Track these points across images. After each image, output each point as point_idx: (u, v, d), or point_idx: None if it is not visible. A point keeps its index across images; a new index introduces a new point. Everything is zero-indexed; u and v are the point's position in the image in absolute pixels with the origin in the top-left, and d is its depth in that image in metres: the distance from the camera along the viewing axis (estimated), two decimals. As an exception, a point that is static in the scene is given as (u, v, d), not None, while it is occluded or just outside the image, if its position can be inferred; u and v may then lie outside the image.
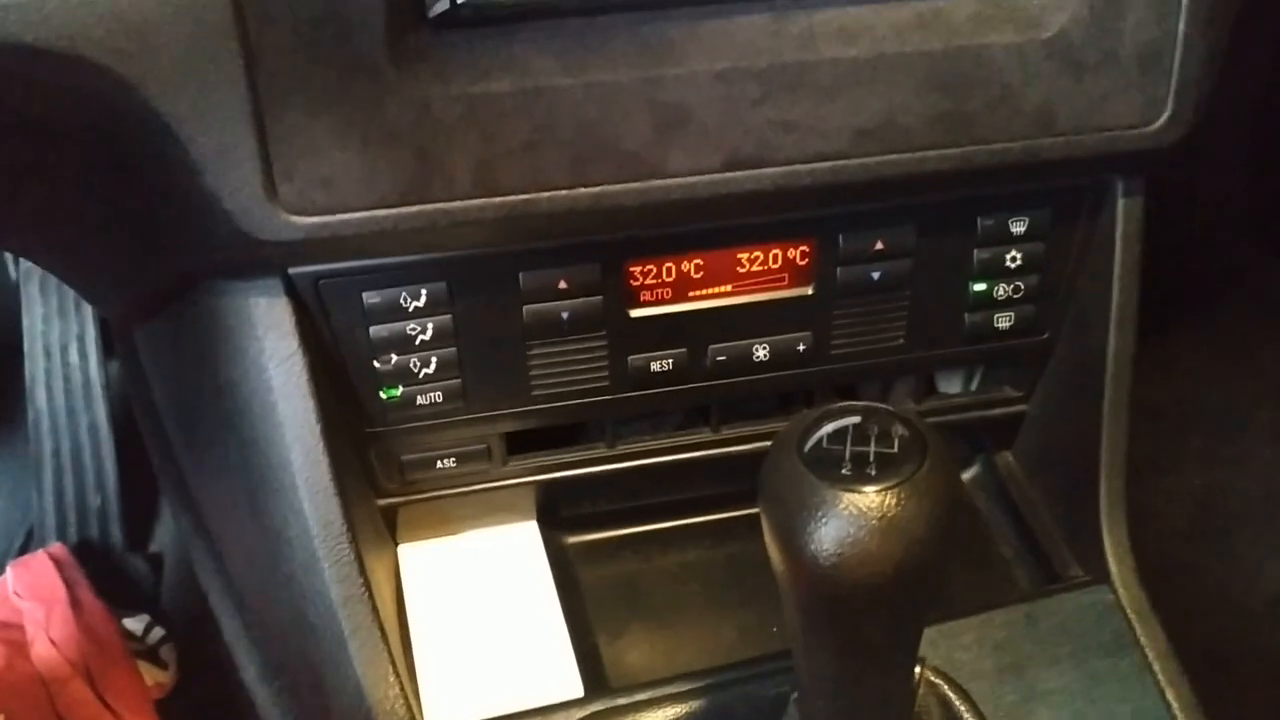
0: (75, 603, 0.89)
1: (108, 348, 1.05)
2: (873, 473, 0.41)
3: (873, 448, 0.42)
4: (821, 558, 0.40)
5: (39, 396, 1.05)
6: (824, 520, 0.40)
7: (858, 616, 0.43)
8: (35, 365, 1.05)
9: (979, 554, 0.76)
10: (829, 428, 0.43)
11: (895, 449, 0.42)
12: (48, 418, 1.04)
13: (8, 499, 1.11)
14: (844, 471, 0.41)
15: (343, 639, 0.59)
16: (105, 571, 0.97)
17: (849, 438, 0.43)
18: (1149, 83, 0.59)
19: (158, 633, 0.94)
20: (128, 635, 0.92)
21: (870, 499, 0.40)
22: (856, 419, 0.43)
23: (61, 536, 1.01)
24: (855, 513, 0.40)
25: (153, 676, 0.91)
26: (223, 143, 0.50)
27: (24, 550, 1.02)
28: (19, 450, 1.09)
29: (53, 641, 0.86)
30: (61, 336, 1.06)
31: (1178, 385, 1.16)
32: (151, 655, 0.93)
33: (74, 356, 1.06)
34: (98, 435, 1.04)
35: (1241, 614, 1.03)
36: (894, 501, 0.40)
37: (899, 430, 0.43)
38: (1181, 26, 0.58)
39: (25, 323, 1.05)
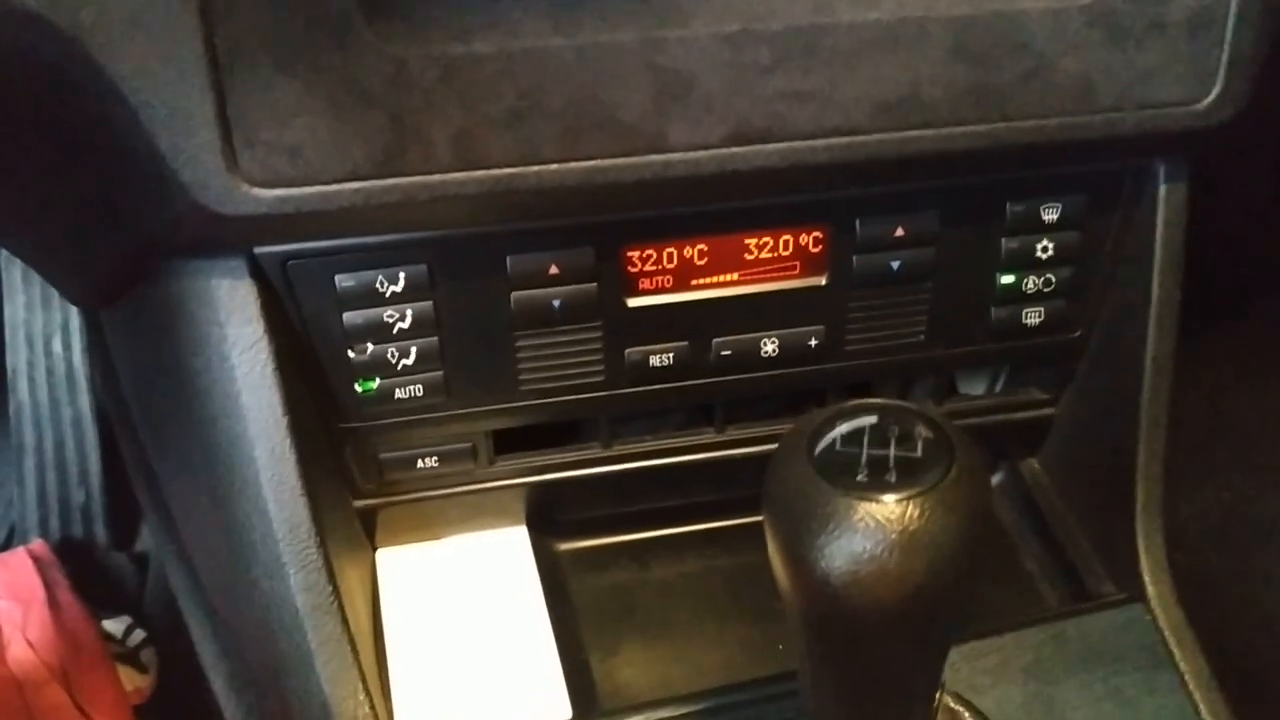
0: (54, 603, 0.88)
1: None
2: (892, 480, 0.37)
3: (893, 451, 0.38)
4: (833, 576, 0.36)
5: (20, 388, 1.02)
6: (836, 533, 0.36)
7: (873, 643, 0.39)
8: (17, 355, 1.03)
9: (1002, 568, 0.72)
10: (843, 428, 0.39)
11: (918, 453, 0.38)
12: (30, 410, 1.02)
13: (-12, 494, 1.08)
14: (860, 478, 0.37)
15: (309, 651, 0.55)
16: (87, 570, 0.95)
17: (865, 439, 0.38)
18: (1198, 55, 0.55)
19: (138, 635, 0.92)
20: (108, 637, 0.89)
21: (889, 510, 0.35)
22: (874, 418, 0.39)
23: (43, 533, 1.00)
24: (872, 525, 0.35)
25: (132, 681, 0.89)
26: (177, 106, 0.46)
27: (5, 547, 1.00)
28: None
29: (29, 643, 0.85)
30: (45, 326, 1.04)
31: (1205, 392, 1.13)
32: (132, 659, 0.91)
33: (57, 347, 1.04)
34: (81, 428, 1.02)
35: (1274, 631, 0.99)
36: (917, 513, 0.35)
37: (922, 431, 0.38)
38: None
39: (6, 311, 1.03)
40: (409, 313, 0.57)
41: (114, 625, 0.90)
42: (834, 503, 0.36)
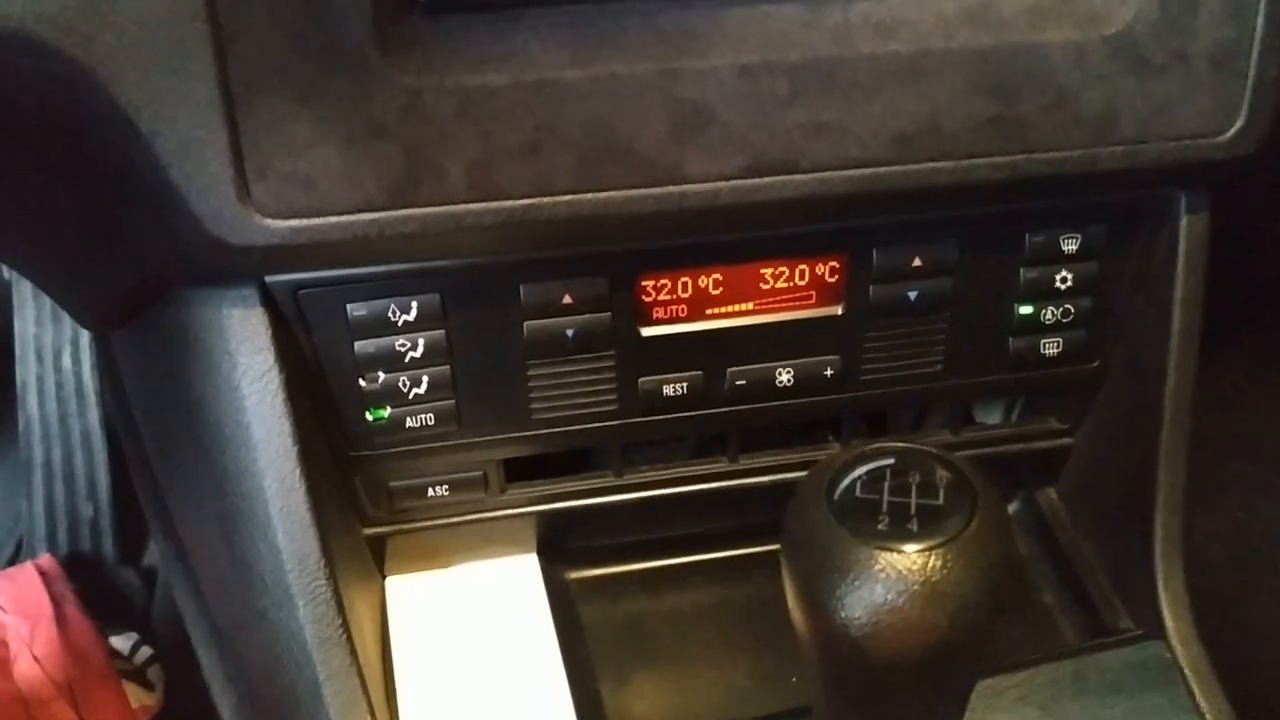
0: (61, 619, 0.87)
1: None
2: (914, 528, 0.36)
3: (914, 497, 0.37)
4: (852, 625, 0.36)
5: (30, 402, 1.02)
6: (856, 583, 0.35)
7: (893, 690, 0.38)
8: (26, 370, 1.02)
9: (1018, 601, 0.71)
10: (862, 471, 0.38)
11: (940, 500, 0.37)
12: (39, 424, 1.02)
13: (-3, 508, 1.08)
14: (880, 525, 0.36)
15: (317, 683, 0.55)
16: (95, 586, 0.95)
17: (886, 484, 0.38)
18: (1221, 87, 0.54)
19: (145, 652, 0.92)
20: (114, 654, 0.89)
21: (911, 560, 0.35)
22: (893, 461, 0.38)
23: (51, 547, 0.99)
24: (894, 576, 0.35)
25: (138, 698, 0.89)
26: (189, 137, 0.46)
27: (13, 561, 1.00)
28: (9, 458, 1.06)
29: (36, 659, 0.85)
30: (54, 340, 1.03)
31: (1218, 409, 1.11)
32: (138, 676, 0.91)
33: (67, 361, 1.03)
34: (91, 443, 1.02)
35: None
36: (939, 564, 0.35)
37: (943, 476, 0.38)
38: (1260, 24, 0.53)
39: (16, 325, 1.02)
40: (421, 342, 0.57)
41: (121, 642, 0.90)
42: (854, 552, 0.35)
